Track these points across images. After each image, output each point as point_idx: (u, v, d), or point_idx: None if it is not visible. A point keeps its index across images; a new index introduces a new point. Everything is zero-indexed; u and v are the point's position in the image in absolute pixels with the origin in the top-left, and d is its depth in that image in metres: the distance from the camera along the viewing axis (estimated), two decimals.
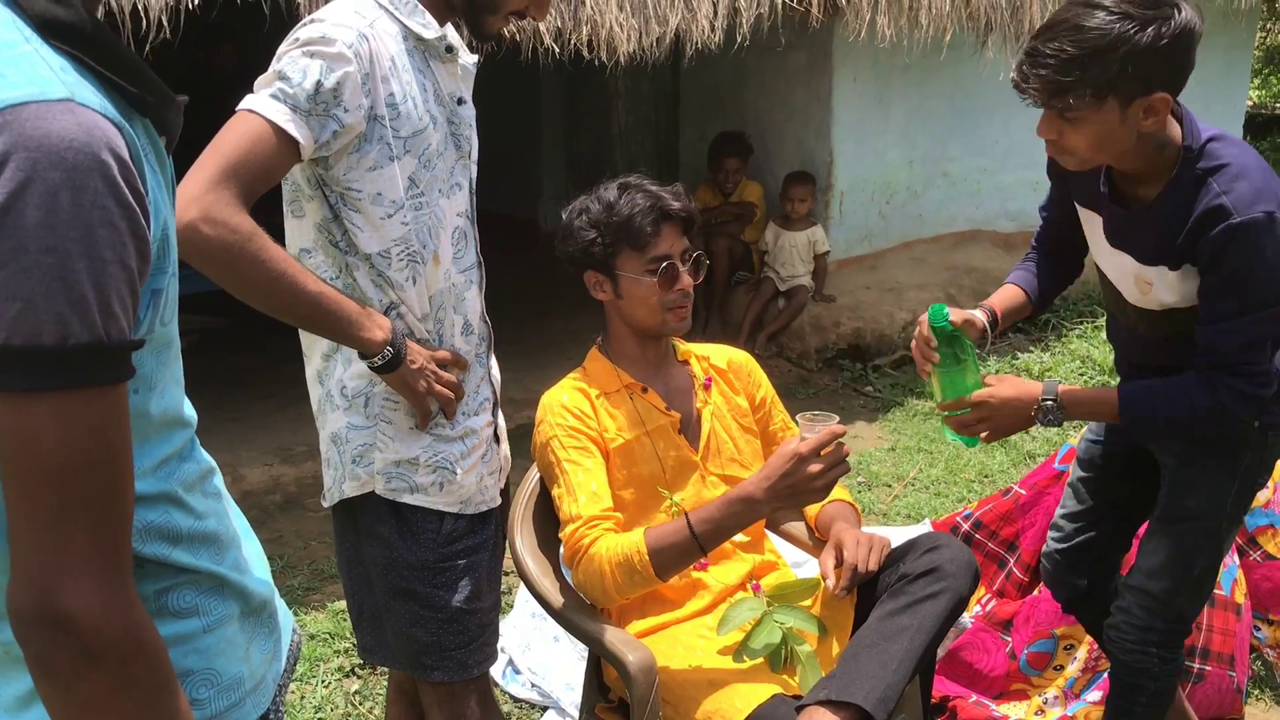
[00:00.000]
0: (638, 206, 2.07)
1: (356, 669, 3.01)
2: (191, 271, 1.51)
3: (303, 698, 2.88)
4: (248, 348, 5.30)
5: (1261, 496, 2.98)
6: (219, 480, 1.19)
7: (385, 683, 2.94)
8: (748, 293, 5.76)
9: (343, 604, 3.34)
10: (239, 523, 1.22)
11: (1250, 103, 9.67)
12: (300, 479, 4.13)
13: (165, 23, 2.91)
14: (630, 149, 6.90)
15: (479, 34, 1.87)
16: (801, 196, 5.57)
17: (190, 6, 2.95)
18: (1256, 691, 2.98)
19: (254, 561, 1.21)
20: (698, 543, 1.94)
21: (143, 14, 2.91)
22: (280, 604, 1.25)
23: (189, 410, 1.14)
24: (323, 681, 2.95)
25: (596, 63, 4.14)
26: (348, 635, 3.14)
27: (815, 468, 1.87)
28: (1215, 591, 2.81)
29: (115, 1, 2.85)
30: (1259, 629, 3.00)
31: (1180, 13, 1.82)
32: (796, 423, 1.99)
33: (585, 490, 2.00)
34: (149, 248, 0.92)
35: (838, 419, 1.95)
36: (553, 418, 2.09)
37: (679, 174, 6.39)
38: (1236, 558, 2.96)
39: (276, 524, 3.90)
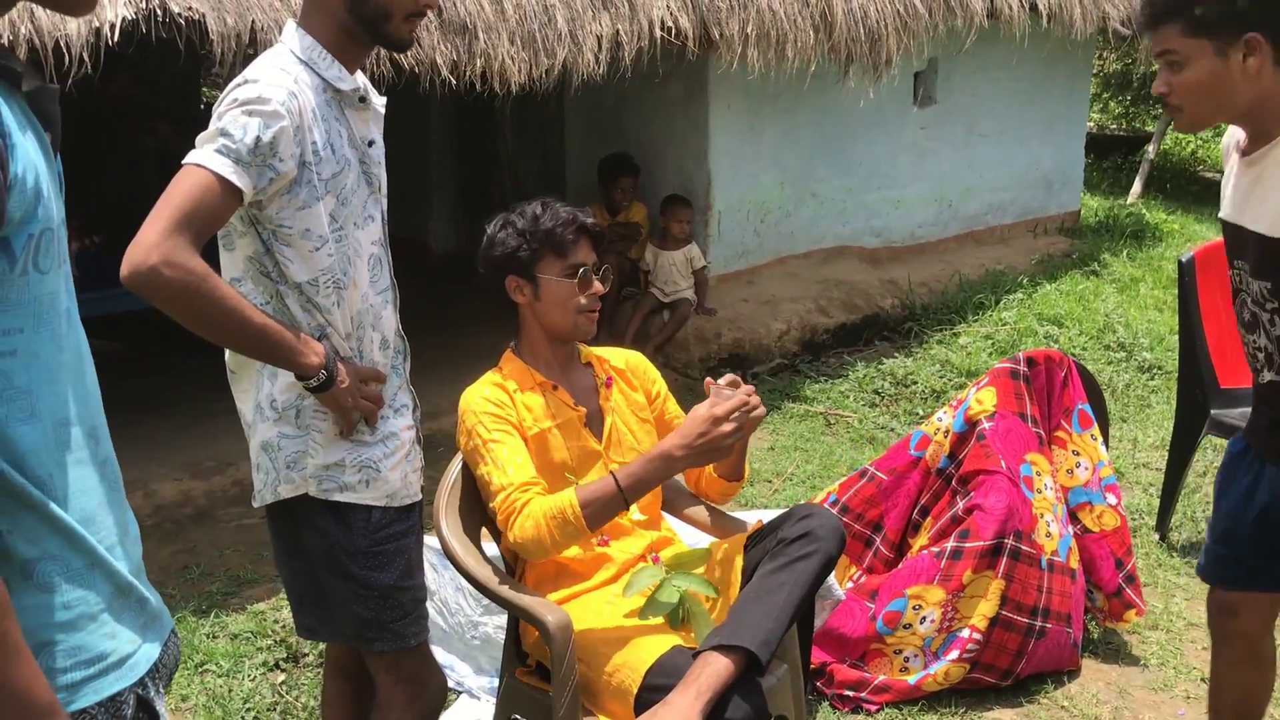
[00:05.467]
0: (561, 219, 2.38)
1: (280, 663, 3.21)
2: (98, 295, 1.70)
3: (230, 691, 3.06)
4: (145, 371, 5.40)
5: (1081, 477, 3.41)
6: (113, 463, 1.27)
7: (309, 675, 3.15)
8: (642, 312, 6.07)
9: (261, 605, 3.52)
10: (116, 495, 1.27)
11: (1091, 125, 10.43)
12: (210, 492, 4.28)
13: (86, 58, 3.09)
14: (518, 172, 7.18)
15: (391, 45, 2.08)
16: (682, 218, 5.93)
17: (110, 43, 3.13)
18: (1090, 649, 3.40)
19: (129, 544, 1.27)
20: (622, 495, 2.22)
21: (64, 49, 3.07)
22: (157, 599, 1.32)
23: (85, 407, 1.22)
24: (248, 676, 3.14)
25: (487, 94, 4.41)
26: (269, 633, 3.33)
27: (727, 427, 2.18)
28: (1054, 558, 3.21)
29: (38, 36, 3.02)
30: (1092, 595, 3.42)
31: None
32: (707, 385, 2.27)
33: (512, 463, 2.27)
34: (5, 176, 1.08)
35: (747, 385, 2.26)
36: (476, 406, 2.35)
37: (566, 195, 6.69)
38: (1071, 528, 3.38)
39: (189, 535, 4.05)
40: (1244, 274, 2.19)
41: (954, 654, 3.11)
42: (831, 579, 3.18)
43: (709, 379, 2.29)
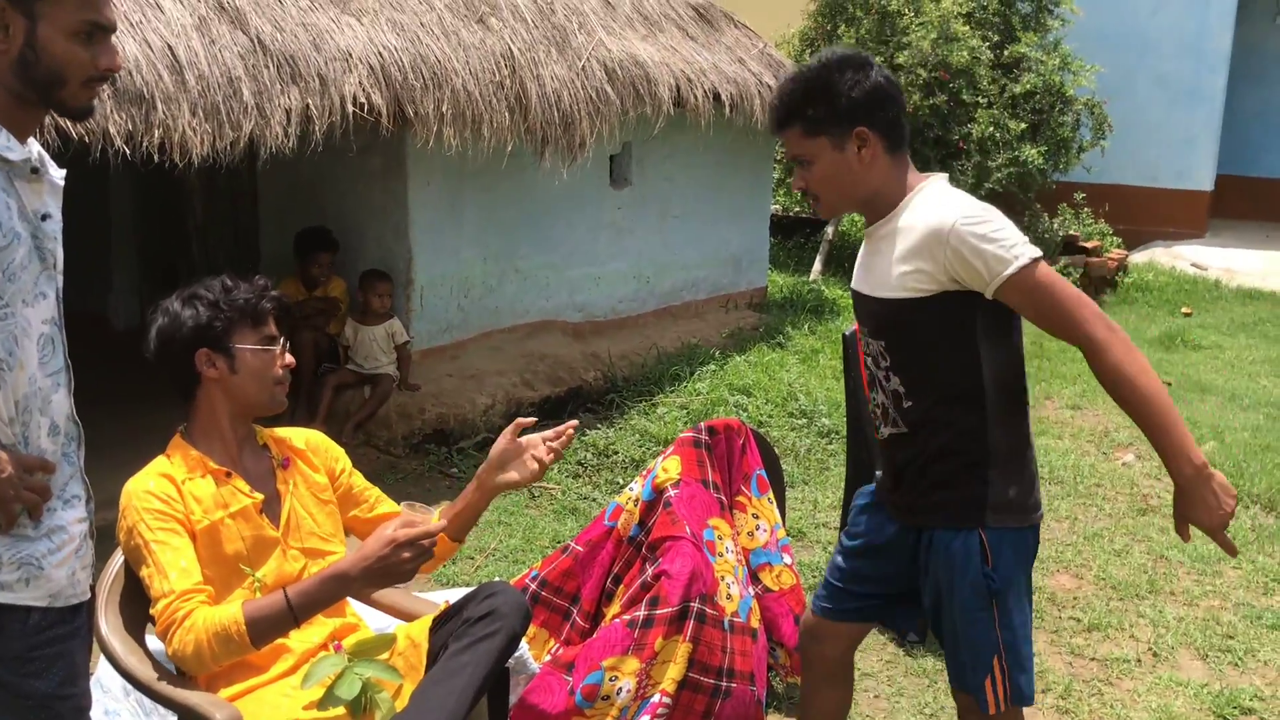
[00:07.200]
0: (256, 289, 2.37)
1: None
2: None
3: None
4: None
5: (761, 539, 3.61)
6: None
7: None
8: (329, 385, 5.93)
9: None
10: None
11: (776, 208, 11.19)
12: None
13: None
14: (209, 243, 6.88)
15: (68, 114, 1.96)
16: (382, 293, 5.86)
17: None
18: (775, 704, 3.57)
19: None
20: (293, 615, 2.17)
21: None
22: None
23: None
24: None
25: (169, 164, 4.23)
26: None
27: (406, 554, 2.17)
28: (735, 619, 3.37)
29: None
30: (774, 652, 3.61)
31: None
32: (401, 508, 2.29)
33: (175, 567, 2.16)
34: None
35: (436, 515, 2.28)
36: (138, 502, 2.22)
37: (260, 267, 6.47)
38: (753, 588, 3.56)
39: None
40: (866, 337, 2.48)
41: (646, 719, 3.19)
42: (526, 653, 3.20)
43: (406, 503, 2.31)
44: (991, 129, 9.62)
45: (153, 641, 2.33)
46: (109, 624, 2.24)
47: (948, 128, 9.74)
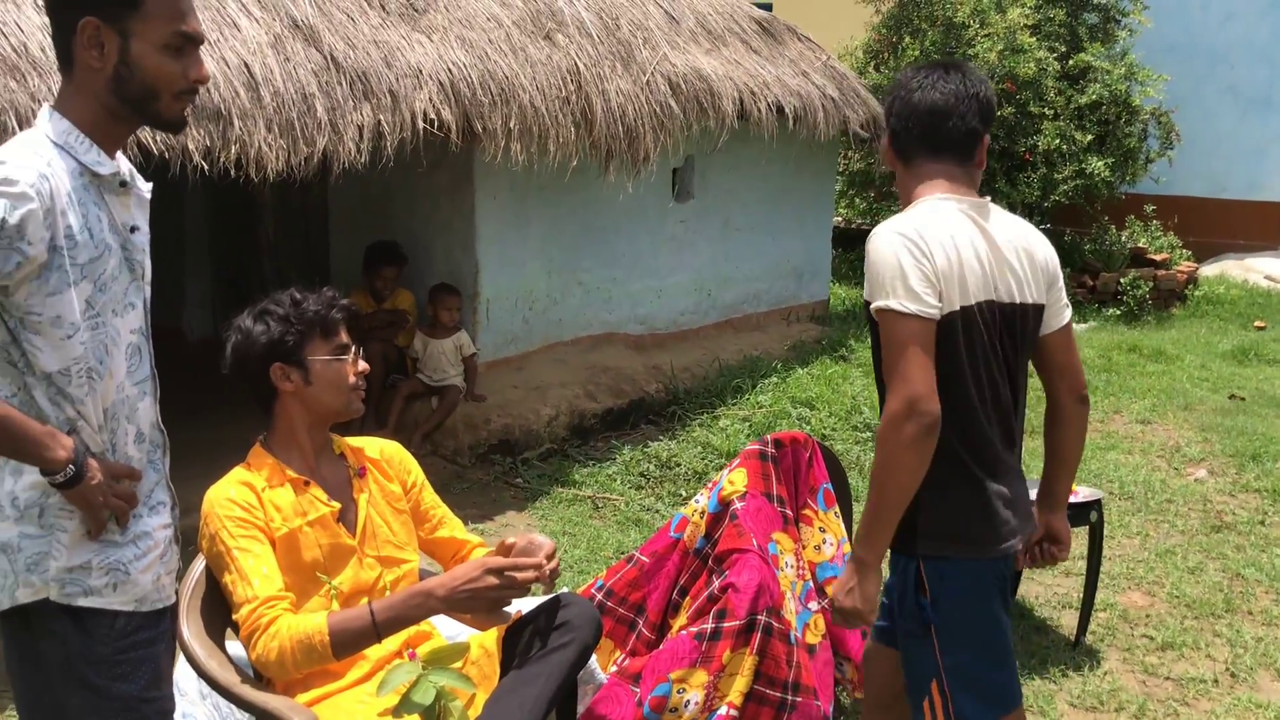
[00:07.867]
0: (325, 301, 2.43)
1: None
2: None
3: None
4: None
5: (827, 553, 3.60)
6: None
7: None
8: (401, 395, 6.02)
9: None
10: None
11: (838, 220, 11.13)
12: None
13: None
14: (280, 258, 7.01)
15: (161, 125, 2.02)
16: (451, 306, 5.95)
17: None
18: (842, 719, 3.55)
19: None
20: (376, 630, 2.21)
21: None
22: None
23: None
24: None
25: (244, 179, 4.33)
26: None
27: (492, 580, 2.21)
28: (793, 634, 3.35)
29: None
30: (841, 667, 3.59)
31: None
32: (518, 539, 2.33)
33: (257, 574, 2.22)
34: None
35: (551, 549, 2.33)
36: (220, 510, 2.28)
37: (331, 281, 6.55)
38: (819, 602, 3.55)
39: None
40: None
41: None
42: (594, 663, 3.21)
43: (525, 536, 2.36)
44: (1058, 140, 9.50)
45: (233, 646, 2.39)
46: (190, 628, 2.30)
47: (1014, 139, 9.63)
